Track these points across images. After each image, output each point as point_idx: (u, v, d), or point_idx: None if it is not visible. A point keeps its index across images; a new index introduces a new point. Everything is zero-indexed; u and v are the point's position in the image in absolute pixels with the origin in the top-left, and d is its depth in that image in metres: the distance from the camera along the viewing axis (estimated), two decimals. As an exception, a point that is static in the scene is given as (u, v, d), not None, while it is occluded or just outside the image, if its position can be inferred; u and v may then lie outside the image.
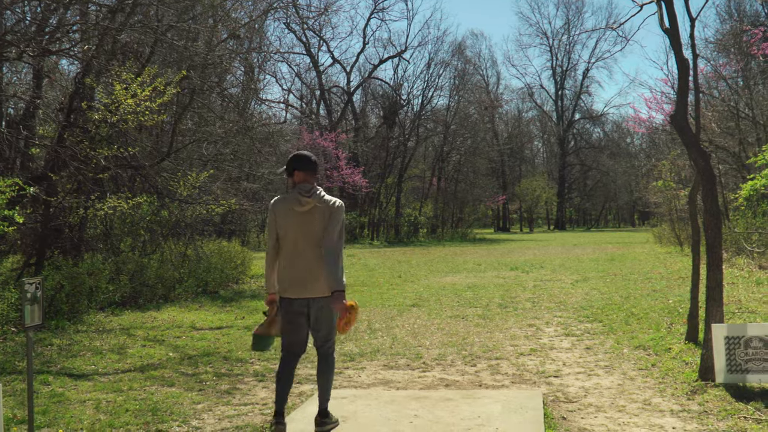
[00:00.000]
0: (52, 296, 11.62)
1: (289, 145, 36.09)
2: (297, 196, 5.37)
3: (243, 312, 12.87)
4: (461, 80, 54.12)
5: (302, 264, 5.39)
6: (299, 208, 5.37)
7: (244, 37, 26.31)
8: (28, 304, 5.46)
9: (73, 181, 14.46)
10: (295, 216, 5.38)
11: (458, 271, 20.66)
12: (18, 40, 13.80)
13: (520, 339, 9.67)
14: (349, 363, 8.36)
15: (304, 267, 5.39)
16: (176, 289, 14.87)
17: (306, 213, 5.36)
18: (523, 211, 75.78)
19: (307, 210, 5.36)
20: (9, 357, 8.81)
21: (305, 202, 5.36)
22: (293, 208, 5.39)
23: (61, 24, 14.75)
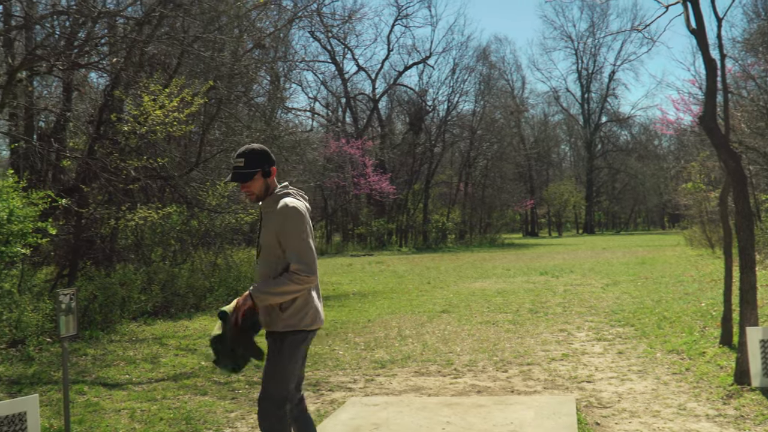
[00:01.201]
0: (86, 307, 11.75)
1: (316, 153, 36.25)
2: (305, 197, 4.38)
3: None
4: (486, 85, 53.99)
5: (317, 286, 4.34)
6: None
7: (270, 47, 26.47)
8: (62, 314, 5.53)
9: (104, 193, 14.63)
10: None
11: (487, 277, 20.59)
12: (48, 54, 14.01)
13: (551, 344, 9.62)
14: (380, 370, 8.37)
15: (317, 289, 4.37)
16: (207, 298, 14.97)
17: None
18: (551, 216, 75.32)
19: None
20: (45, 367, 8.92)
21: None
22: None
23: (89, 37, 14.95)
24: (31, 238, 10.15)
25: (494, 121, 54.95)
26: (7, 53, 15.38)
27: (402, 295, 16.51)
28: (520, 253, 35.45)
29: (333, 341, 10.48)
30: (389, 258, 33.68)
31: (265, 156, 4.19)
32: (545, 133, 78.81)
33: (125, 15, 15.69)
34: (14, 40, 16.51)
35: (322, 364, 8.86)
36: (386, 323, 12.10)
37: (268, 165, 4.19)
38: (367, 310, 14.03)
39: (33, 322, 10.37)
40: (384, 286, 18.93)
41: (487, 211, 54.74)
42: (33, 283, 12.58)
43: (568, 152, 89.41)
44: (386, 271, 24.72)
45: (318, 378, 8.05)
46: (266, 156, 4.19)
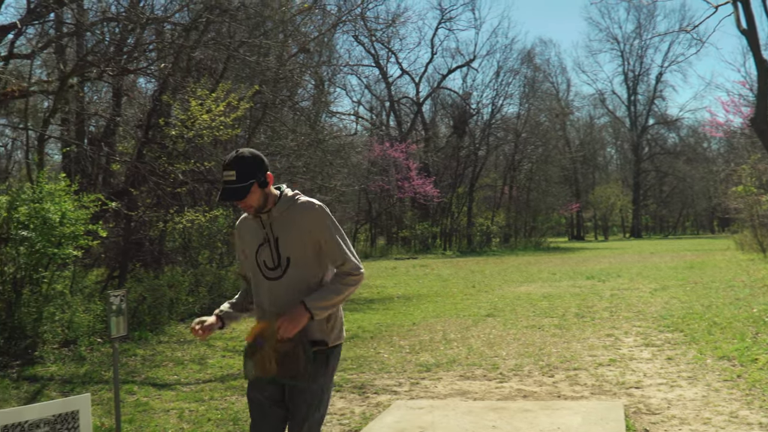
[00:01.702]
0: (135, 308, 11.94)
1: (360, 157, 36.37)
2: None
3: (318, 323, 13.00)
4: (531, 88, 53.67)
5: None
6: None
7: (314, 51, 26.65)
8: (113, 315, 5.64)
9: (153, 196, 14.87)
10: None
11: (533, 281, 20.44)
12: (98, 60, 14.29)
13: (598, 349, 9.52)
14: (426, 373, 8.36)
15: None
16: (253, 301, 15.09)
17: None
18: (597, 219, 74.52)
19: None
20: (96, 367, 9.09)
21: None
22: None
23: (138, 44, 15.21)
24: (83, 241, 10.35)
25: (539, 123, 54.56)
26: (59, 60, 15.73)
27: (447, 298, 16.47)
28: (565, 256, 35.13)
29: (378, 344, 10.51)
30: (433, 261, 33.63)
31: (259, 162, 3.54)
32: (591, 136, 77.97)
33: (173, 21, 15.94)
34: (66, 46, 16.88)
35: (367, 366, 8.88)
36: (431, 327, 12.08)
37: (263, 173, 3.55)
38: (412, 313, 14.03)
39: (84, 322, 10.58)
40: (428, 289, 18.91)
41: (532, 215, 54.34)
42: (84, 284, 12.83)
43: (614, 155, 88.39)
44: (431, 274, 24.68)
45: (363, 381, 8.07)
46: (260, 162, 3.54)
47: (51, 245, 9.94)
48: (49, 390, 7.91)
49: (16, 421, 3.82)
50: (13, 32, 13.99)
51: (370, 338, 11.06)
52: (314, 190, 23.81)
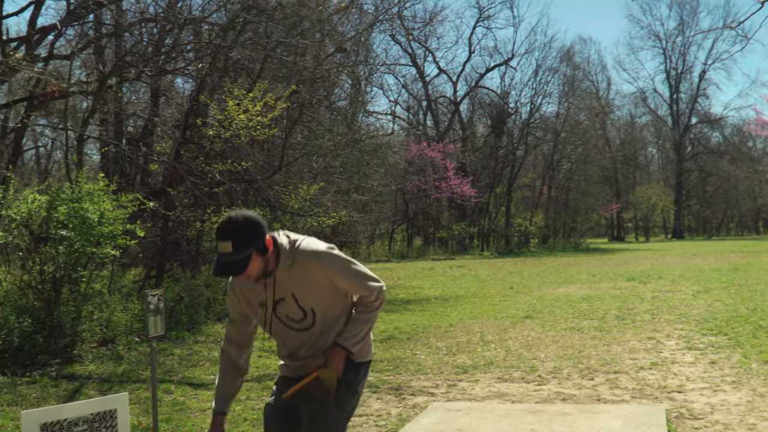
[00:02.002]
0: (172, 308, 12.05)
1: (397, 157, 36.37)
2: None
3: (354, 323, 13.02)
4: (570, 87, 53.24)
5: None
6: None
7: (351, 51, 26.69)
8: (151, 315, 5.69)
9: (190, 196, 15.00)
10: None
11: (572, 282, 20.26)
12: (136, 60, 14.46)
13: (639, 352, 9.39)
14: (463, 375, 8.32)
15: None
16: (289, 301, 15.15)
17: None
18: (638, 220, 73.67)
19: None
20: (134, 366, 9.20)
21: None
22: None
23: (176, 44, 15.37)
24: (121, 240, 10.48)
25: (578, 123, 54.11)
26: (98, 60, 15.95)
27: (484, 299, 16.40)
28: (605, 258, 34.79)
29: (415, 345, 10.48)
30: (471, 262, 33.51)
31: (256, 228, 3.21)
32: (632, 135, 77.11)
33: (210, 21, 16.07)
34: (105, 47, 17.12)
35: (403, 368, 8.87)
36: (468, 328, 12.03)
37: (262, 238, 3.22)
38: (449, 314, 13.98)
39: (122, 321, 10.71)
40: (466, 290, 18.84)
41: (571, 215, 53.90)
42: (122, 283, 12.99)
43: (655, 155, 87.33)
44: (468, 275, 24.60)
45: (400, 382, 8.06)
46: (257, 227, 3.22)
47: (90, 245, 10.07)
48: (88, 388, 8.02)
49: (55, 420, 3.87)
50: (53, 33, 14.22)
51: (407, 339, 11.04)
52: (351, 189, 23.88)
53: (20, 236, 10.19)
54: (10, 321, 9.25)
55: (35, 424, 3.80)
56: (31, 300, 10.05)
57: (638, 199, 69.38)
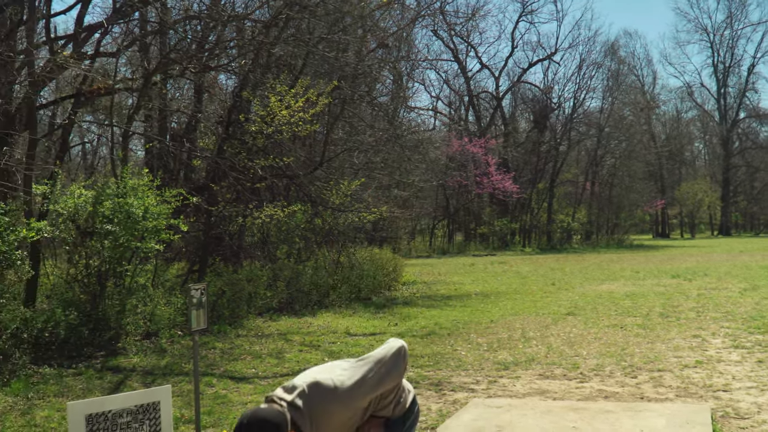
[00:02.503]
0: (214, 302, 12.19)
1: (438, 152, 36.26)
2: None
3: (396, 318, 13.02)
4: (615, 81, 52.56)
5: None
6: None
7: (393, 46, 26.68)
8: (194, 309, 5.75)
9: (232, 191, 15.14)
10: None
11: (615, 279, 20.04)
12: (181, 57, 14.62)
13: (684, 350, 9.26)
14: (504, 372, 8.29)
15: None
16: (330, 296, 15.24)
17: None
18: (683, 216, 72.55)
19: None
20: (176, 359, 9.32)
21: None
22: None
23: (219, 41, 15.50)
24: (164, 235, 10.62)
25: (623, 118, 53.43)
26: (143, 58, 16.17)
27: (525, 296, 16.30)
28: (649, 254, 34.34)
29: (455, 341, 10.46)
30: (512, 258, 33.33)
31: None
32: (678, 130, 75.94)
33: (253, 18, 16.18)
34: (150, 45, 17.34)
35: (444, 363, 8.85)
36: (509, 324, 11.97)
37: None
38: (490, 310, 13.93)
39: (165, 315, 10.85)
40: (507, 286, 18.74)
41: (615, 211, 53.28)
42: (165, 278, 13.16)
43: (702, 150, 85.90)
44: (509, 271, 24.46)
45: (440, 378, 8.05)
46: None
47: (134, 239, 10.23)
48: (132, 381, 8.14)
49: (100, 411, 3.94)
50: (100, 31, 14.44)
51: (447, 335, 11.02)
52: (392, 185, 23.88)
53: (67, 231, 10.39)
54: (57, 314, 9.44)
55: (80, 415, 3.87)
56: (77, 293, 10.24)
57: (684, 195, 68.26)
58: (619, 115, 52.95)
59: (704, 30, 77.51)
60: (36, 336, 9.07)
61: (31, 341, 8.96)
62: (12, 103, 12.46)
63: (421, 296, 16.83)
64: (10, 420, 6.59)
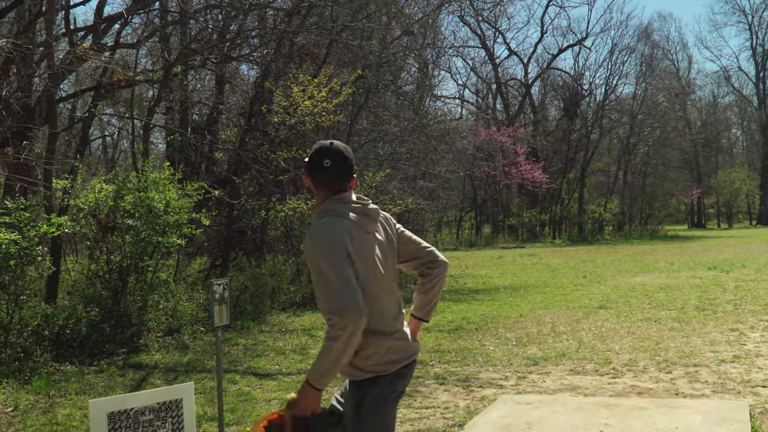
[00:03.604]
0: (237, 297, 12.26)
1: (465, 142, 36.20)
2: (366, 207, 3.26)
3: (422, 313, 13.03)
4: (648, 66, 52.09)
5: (400, 317, 3.35)
6: (373, 226, 3.29)
7: (418, 33, 26.63)
8: (216, 304, 5.79)
9: (255, 184, 15.21)
10: (372, 242, 3.25)
11: (648, 271, 19.89)
12: (202, 48, 14.69)
13: (721, 344, 9.17)
14: (533, 367, 8.26)
15: (400, 319, 3.35)
16: (355, 290, 15.24)
17: (380, 235, 3.33)
18: (720, 206, 71.80)
19: (377, 230, 3.34)
20: (199, 356, 9.39)
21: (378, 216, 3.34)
22: (367, 230, 3.25)
23: (241, 30, 15.56)
24: (186, 229, 10.69)
25: (657, 104, 52.95)
26: (163, 48, 16.26)
27: (555, 289, 16.23)
28: (685, 246, 34.04)
29: (483, 336, 10.44)
30: (542, 250, 33.19)
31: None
32: (714, 117, 75.09)
33: (275, 6, 16.22)
34: (170, 35, 17.44)
35: (471, 359, 8.84)
36: (539, 318, 11.93)
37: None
38: (519, 304, 13.88)
39: (188, 311, 10.94)
40: (536, 279, 18.67)
41: (649, 201, 52.86)
42: (187, 273, 13.27)
43: (740, 137, 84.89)
44: (539, 264, 24.36)
45: (468, 374, 8.04)
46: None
47: (156, 234, 10.30)
48: (154, 378, 8.22)
49: (122, 408, 3.98)
50: (120, 22, 14.56)
51: (475, 330, 11.01)
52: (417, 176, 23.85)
53: (88, 226, 10.49)
54: (78, 310, 9.54)
55: (103, 413, 3.91)
56: (99, 289, 10.34)
57: (721, 184, 67.54)
58: (653, 101, 52.47)
59: (742, 11, 76.70)
60: (57, 333, 9.18)
61: (52, 338, 9.07)
62: (31, 96, 12.61)
63: (448, 290, 16.81)
64: (31, 418, 6.69)
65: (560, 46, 52.81)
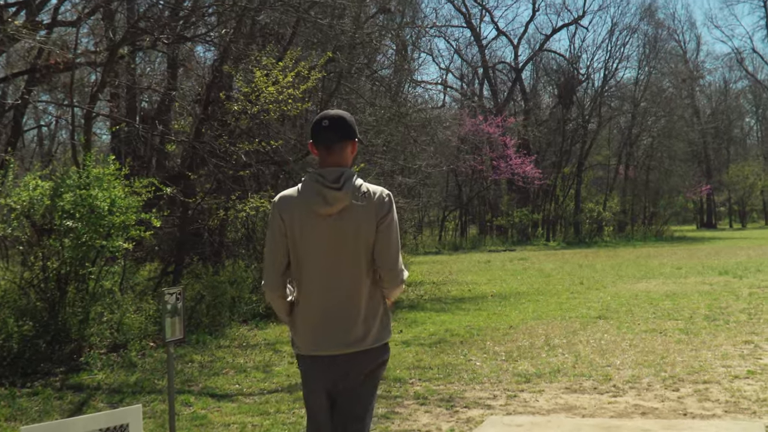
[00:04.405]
0: (192, 308, 12.19)
1: (448, 132, 36.25)
2: (319, 189, 3.82)
3: (400, 325, 13.01)
4: (652, 48, 52.44)
5: (333, 300, 3.88)
6: (324, 209, 3.82)
7: (396, 11, 26.64)
8: (168, 316, 5.74)
9: (212, 180, 15.12)
10: (319, 222, 3.84)
11: (653, 277, 20.04)
12: (151, 27, 14.58)
13: (733, 358, 9.25)
14: (525, 385, 8.28)
15: (337, 304, 3.88)
16: (325, 300, 15.20)
17: (336, 217, 3.83)
18: (732, 203, 72.51)
19: (336, 211, 3.83)
20: (148, 375, 9.31)
21: (333, 199, 3.82)
22: (314, 209, 3.83)
23: (196, 7, 15.45)
24: (134, 231, 10.60)
25: (662, 90, 53.38)
26: (107, 27, 16.11)
27: (550, 297, 16.29)
28: (693, 248, 34.33)
29: (469, 350, 10.46)
30: (534, 254, 33.34)
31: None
32: (725, 104, 75.79)
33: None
34: (115, 12, 17.28)
35: (456, 376, 8.85)
36: (531, 330, 11.97)
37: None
38: (509, 314, 13.92)
39: (135, 324, 10.85)
40: (528, 286, 18.74)
41: (653, 199, 53.26)
42: (135, 281, 13.15)
43: (754, 126, 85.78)
44: (531, 269, 24.47)
45: (452, 392, 8.04)
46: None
47: (99, 237, 10.20)
48: (96, 401, 8.14)
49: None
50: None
51: (460, 343, 11.02)
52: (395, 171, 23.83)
53: (21, 228, 10.37)
54: (9, 324, 9.42)
55: (35, 441, 3.85)
56: (33, 300, 10.22)
57: (733, 179, 68.15)
58: (658, 87, 52.88)
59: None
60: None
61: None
62: (-44, 81, 12.45)
63: (430, 298, 16.83)
64: (-44, 447, 6.60)
65: (554, 25, 53.29)
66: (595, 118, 50.11)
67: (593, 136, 50.12)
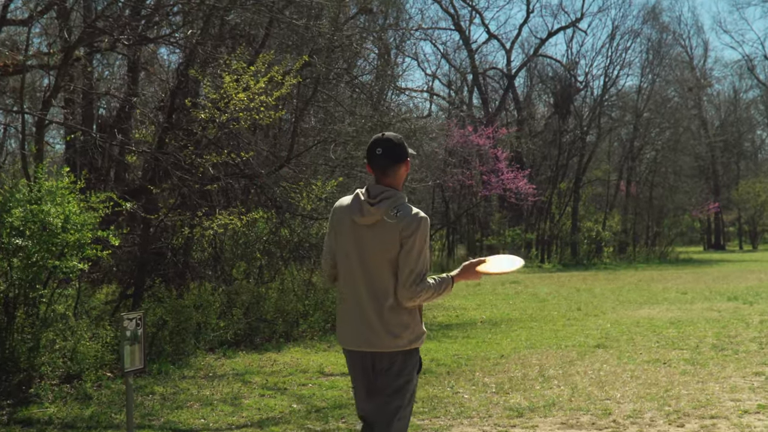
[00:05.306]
0: (153, 334, 12.14)
1: (435, 144, 36.34)
2: (362, 202, 4.78)
3: (381, 354, 13.02)
4: (656, 54, 52.82)
5: (354, 301, 4.88)
6: (359, 219, 4.80)
7: (378, 12, 26.76)
8: (127, 344, 5.74)
9: (177, 195, 15.10)
10: (354, 230, 4.84)
11: (656, 302, 20.13)
12: (110, 27, 14.57)
13: (743, 391, 9.30)
14: (517, 420, 8.30)
15: (357, 307, 4.85)
16: (300, 326, 15.22)
17: (369, 229, 4.78)
18: (742, 223, 72.97)
19: (369, 223, 4.78)
20: (104, 408, 9.26)
21: (367, 212, 4.75)
22: (353, 218, 4.83)
23: (159, 5, 15.46)
24: (90, 251, 10.55)
25: (666, 100, 53.72)
26: (62, 27, 16.09)
27: (544, 324, 16.34)
28: (700, 271, 34.51)
29: (456, 381, 10.47)
30: (527, 277, 33.41)
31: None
32: (735, 115, 76.37)
33: (201, -24, 16.17)
34: (71, 9, 17.26)
35: (442, 410, 8.86)
36: (524, 360, 12.00)
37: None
38: (500, 342, 13.95)
39: (91, 352, 10.78)
40: (521, 312, 18.78)
41: (656, 218, 53.54)
42: (91, 305, 13.08)
43: (766, 139, 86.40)
44: (523, 293, 24.53)
45: (437, 427, 8.05)
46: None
47: (51, 256, 10.15)
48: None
49: (4, 475, 3.91)
50: (7, -7, 14.38)
51: (447, 374, 11.03)
52: (377, 186, 23.85)
53: (-35, 246, 10.31)
54: (-47, 351, 9.36)
55: (-20, 480, 3.84)
56: (-22, 326, 10.16)
57: (743, 197, 68.60)
58: (662, 96, 53.22)
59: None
60: (-74, 380, 9.00)
61: None
62: None
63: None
64: None
65: (550, 28, 53.41)
66: (594, 130, 50.36)
67: (592, 148, 50.35)
